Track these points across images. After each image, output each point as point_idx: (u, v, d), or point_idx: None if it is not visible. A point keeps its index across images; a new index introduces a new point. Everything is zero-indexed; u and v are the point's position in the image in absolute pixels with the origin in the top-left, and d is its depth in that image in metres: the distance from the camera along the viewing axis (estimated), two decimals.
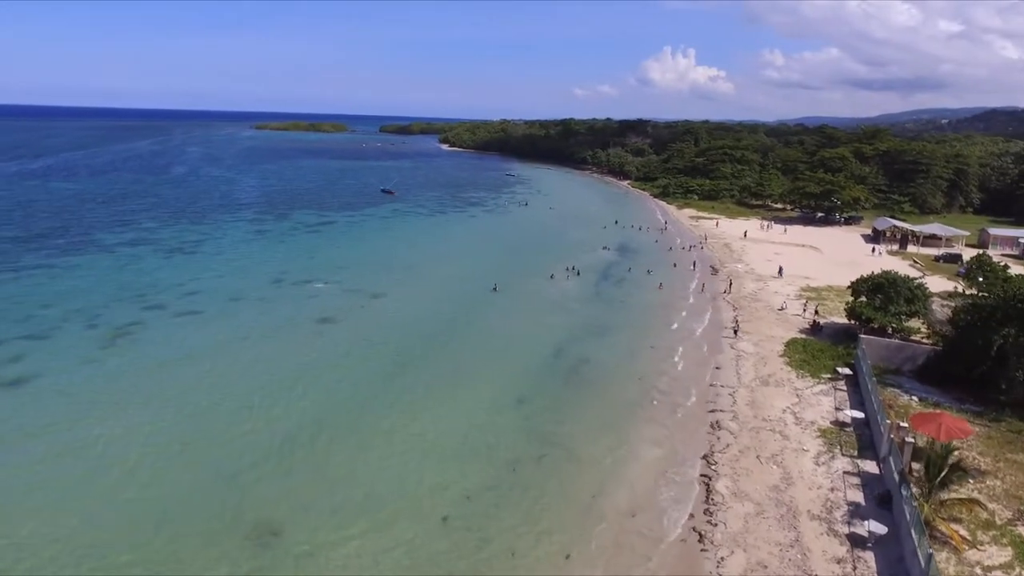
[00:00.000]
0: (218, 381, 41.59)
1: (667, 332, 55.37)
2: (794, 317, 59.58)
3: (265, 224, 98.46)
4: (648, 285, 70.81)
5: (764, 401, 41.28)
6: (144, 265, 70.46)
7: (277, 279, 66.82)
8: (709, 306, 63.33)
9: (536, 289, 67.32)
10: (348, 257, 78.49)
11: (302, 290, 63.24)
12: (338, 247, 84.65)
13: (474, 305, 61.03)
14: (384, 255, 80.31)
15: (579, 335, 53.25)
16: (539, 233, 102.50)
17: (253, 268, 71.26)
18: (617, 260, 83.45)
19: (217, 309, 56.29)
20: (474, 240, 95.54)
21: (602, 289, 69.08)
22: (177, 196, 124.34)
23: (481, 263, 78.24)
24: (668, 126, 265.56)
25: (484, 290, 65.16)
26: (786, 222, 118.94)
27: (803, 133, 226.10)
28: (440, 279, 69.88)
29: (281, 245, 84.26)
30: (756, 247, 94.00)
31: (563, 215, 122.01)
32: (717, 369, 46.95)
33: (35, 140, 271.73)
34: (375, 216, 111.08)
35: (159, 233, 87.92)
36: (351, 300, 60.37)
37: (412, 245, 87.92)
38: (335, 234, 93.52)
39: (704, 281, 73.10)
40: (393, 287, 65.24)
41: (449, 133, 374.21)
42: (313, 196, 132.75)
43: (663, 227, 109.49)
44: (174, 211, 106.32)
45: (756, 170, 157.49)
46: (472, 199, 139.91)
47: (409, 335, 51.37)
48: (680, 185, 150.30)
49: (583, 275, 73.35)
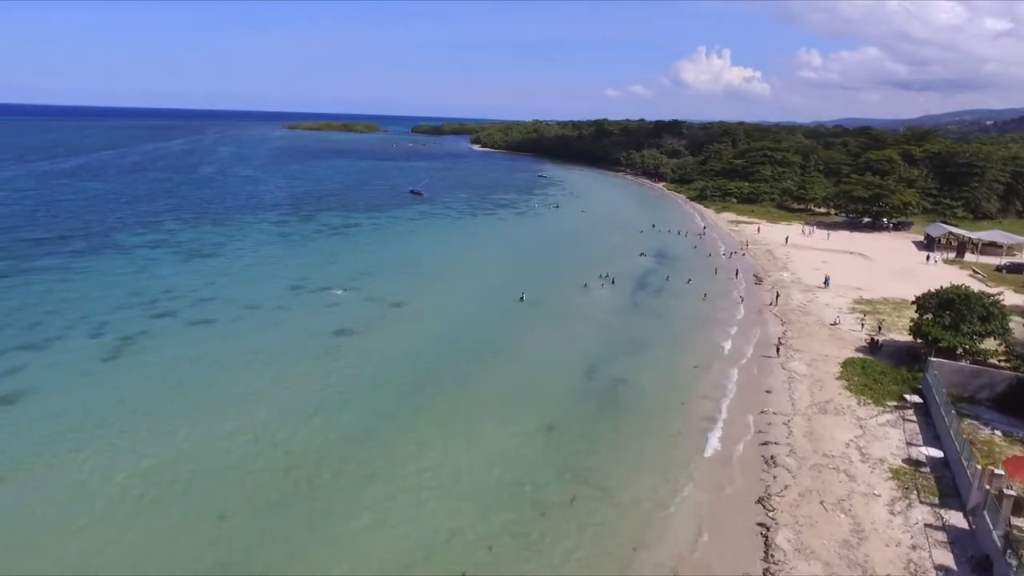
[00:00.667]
0: (223, 404, 38.27)
1: (710, 349, 50.97)
2: (849, 333, 54.72)
3: (288, 226, 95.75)
4: (688, 295, 66.35)
5: (823, 432, 36.79)
6: (161, 269, 67.85)
7: (296, 285, 63.68)
8: (755, 320, 58.74)
9: (568, 299, 63.24)
10: (371, 262, 75.21)
11: (321, 298, 59.98)
12: (361, 251, 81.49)
13: (502, 317, 57.21)
14: (408, 260, 76.88)
15: (615, 352, 49.12)
16: (572, 238, 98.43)
17: (272, 273, 68.28)
18: (654, 267, 79.04)
19: (231, 318, 53.22)
20: (503, 245, 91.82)
21: (639, 299, 64.78)
22: (203, 196, 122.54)
23: (510, 270, 74.45)
24: (703, 127, 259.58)
25: (513, 300, 61.33)
26: (830, 227, 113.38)
27: (844, 135, 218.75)
28: (466, 287, 66.20)
29: (303, 248, 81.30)
30: (801, 254, 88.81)
31: (596, 219, 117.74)
32: (768, 393, 42.52)
33: (70, 140, 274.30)
34: (401, 218, 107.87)
35: (180, 235, 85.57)
36: (371, 310, 56.93)
37: (437, 250, 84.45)
38: (359, 237, 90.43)
39: (748, 291, 68.45)
40: (415, 296, 61.68)
41: (481, 133, 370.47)
42: (339, 197, 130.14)
43: (701, 232, 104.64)
44: (198, 212, 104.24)
45: (797, 173, 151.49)
46: (502, 201, 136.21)
47: (430, 351, 47.70)
48: (718, 188, 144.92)
49: (618, 283, 69.12)
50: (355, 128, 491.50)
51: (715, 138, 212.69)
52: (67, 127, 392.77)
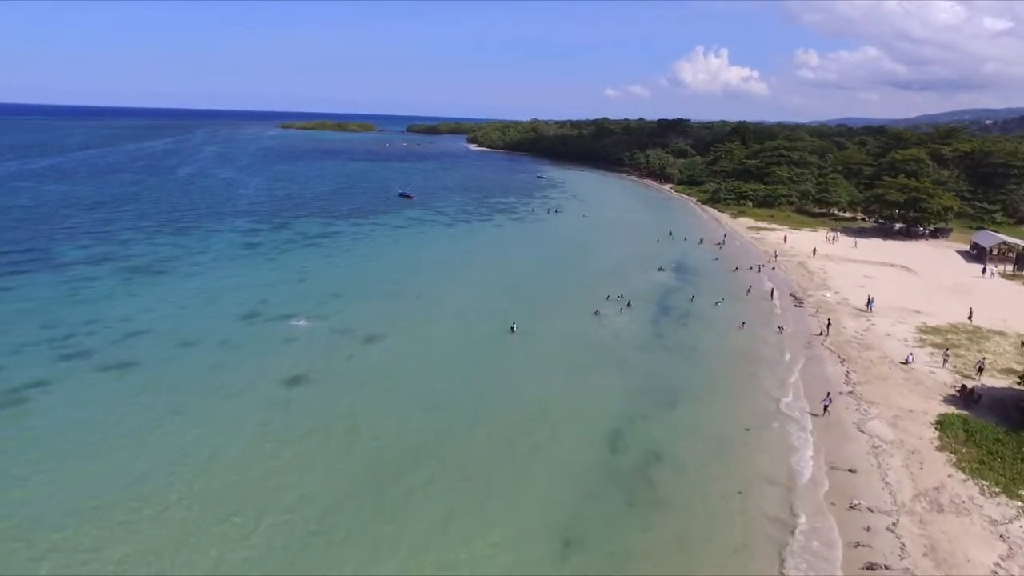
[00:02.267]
0: (95, 512, 27.60)
1: (761, 401, 40.39)
2: (928, 375, 44.13)
3: (259, 235, 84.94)
4: (720, 322, 55.73)
5: (951, 548, 26.17)
6: (92, 291, 57.03)
7: (251, 312, 52.92)
8: (807, 357, 48.11)
9: (578, 329, 52.50)
10: (345, 280, 64.38)
11: (278, 330, 49.22)
12: (336, 266, 70.63)
13: (497, 357, 46.49)
14: (388, 278, 66.03)
15: (642, 408, 38.47)
16: (577, 248, 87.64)
17: (226, 296, 57.53)
18: (676, 285, 68.38)
19: (158, 360, 42.49)
20: (499, 257, 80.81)
21: (663, 328, 54.04)
22: (172, 201, 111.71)
23: (507, 289, 63.79)
24: (705, 126, 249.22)
25: (514, 332, 50.61)
26: (857, 234, 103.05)
27: (851, 134, 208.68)
28: (454, 313, 55.40)
29: (269, 264, 70.49)
30: (838, 268, 78.22)
31: (603, 225, 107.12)
32: (851, 473, 31.91)
33: (53, 139, 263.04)
34: (387, 225, 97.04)
35: (132, 247, 74.79)
36: (337, 347, 46.18)
37: (423, 264, 73.51)
38: (336, 249, 79.46)
39: (789, 317, 57.91)
40: (392, 326, 50.91)
41: (478, 133, 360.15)
42: (322, 201, 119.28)
43: (721, 241, 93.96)
44: (161, 219, 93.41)
45: (815, 173, 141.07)
46: (499, 205, 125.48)
47: (401, 414, 36.91)
48: (732, 190, 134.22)
49: (636, 307, 58.42)
50: (349, 127, 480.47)
51: (721, 137, 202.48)
52: (56, 127, 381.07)
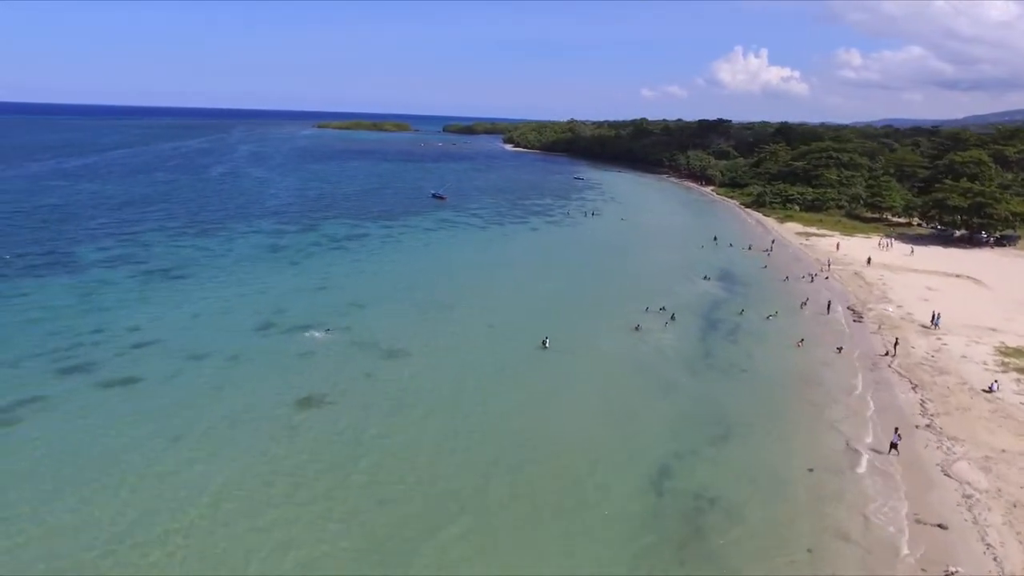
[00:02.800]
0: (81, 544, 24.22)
1: (825, 435, 35.73)
2: (1019, 407, 38.99)
3: (284, 237, 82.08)
4: (775, 339, 50.95)
5: None
6: (105, 298, 54.31)
7: (267, 323, 49.65)
8: (873, 381, 43.21)
9: (617, 346, 48.21)
10: (369, 288, 60.87)
11: (293, 343, 45.81)
12: (361, 272, 67.15)
13: (530, 376, 42.44)
14: (415, 285, 62.39)
15: (692, 442, 34.12)
16: (616, 254, 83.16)
17: (243, 304, 54.39)
18: (723, 296, 63.63)
19: (162, 377, 39.33)
20: (533, 263, 76.54)
21: (712, 346, 49.43)
22: (201, 200, 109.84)
23: (541, 299, 59.72)
24: (746, 127, 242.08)
25: (546, 348, 46.51)
26: (914, 240, 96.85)
27: (896, 135, 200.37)
28: (483, 326, 51.40)
29: (291, 268, 67.39)
30: (897, 278, 72.62)
31: (643, 229, 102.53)
32: (942, 531, 27.24)
33: (89, 139, 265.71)
34: (418, 228, 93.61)
35: (153, 249, 72.37)
36: (355, 364, 42.55)
37: (453, 270, 69.85)
38: (363, 253, 76.10)
39: (850, 334, 52.87)
40: (415, 339, 47.19)
41: (514, 133, 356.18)
42: (353, 201, 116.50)
43: (769, 248, 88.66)
44: (187, 220, 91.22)
45: (865, 176, 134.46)
46: (534, 207, 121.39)
47: (420, 443, 33.13)
48: (778, 193, 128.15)
49: (681, 320, 53.92)
50: (384, 127, 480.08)
51: (764, 138, 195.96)
52: (93, 126, 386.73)
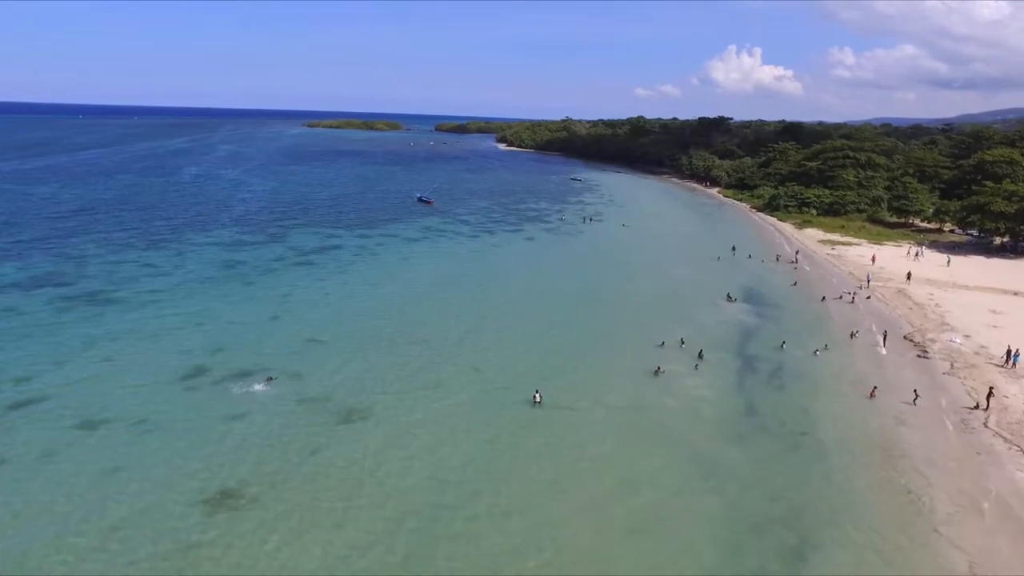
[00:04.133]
0: None
1: (935, 543, 25.93)
2: None
3: (243, 250, 71.81)
4: (829, 382, 41.18)
5: None
6: (6, 334, 44.16)
7: (197, 368, 39.53)
8: (969, 448, 33.42)
9: (633, 397, 38.27)
10: (331, 318, 50.56)
11: (224, 399, 35.74)
12: (325, 296, 56.75)
13: (520, 453, 32.40)
14: (388, 314, 52.09)
15: (754, 559, 24.24)
16: (622, 269, 73.18)
17: (173, 340, 44.26)
18: (754, 322, 53.80)
19: (36, 455, 29.33)
20: (527, 282, 66.04)
21: (756, 396, 39.45)
22: (161, 206, 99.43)
23: (536, 331, 49.75)
24: (744, 125, 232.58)
25: (539, 405, 36.58)
26: (950, 249, 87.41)
27: (896, 134, 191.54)
28: (465, 370, 41.29)
29: (244, 290, 57.16)
30: (950, 297, 63.00)
31: (649, 237, 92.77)
32: None
33: (64, 137, 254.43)
34: (398, 238, 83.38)
35: (87, 265, 62.20)
36: (299, 434, 32.47)
37: (434, 293, 59.23)
38: (331, 270, 65.67)
39: (918, 375, 43.11)
40: (382, 395, 37.15)
41: (507, 132, 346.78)
42: (329, 207, 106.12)
43: (794, 260, 78.93)
44: (138, 229, 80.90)
45: (884, 177, 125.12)
46: (529, 212, 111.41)
47: None
48: (793, 196, 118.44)
49: (710, 358, 44.10)
50: (376, 126, 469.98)
51: (767, 137, 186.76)
52: (77, 125, 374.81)
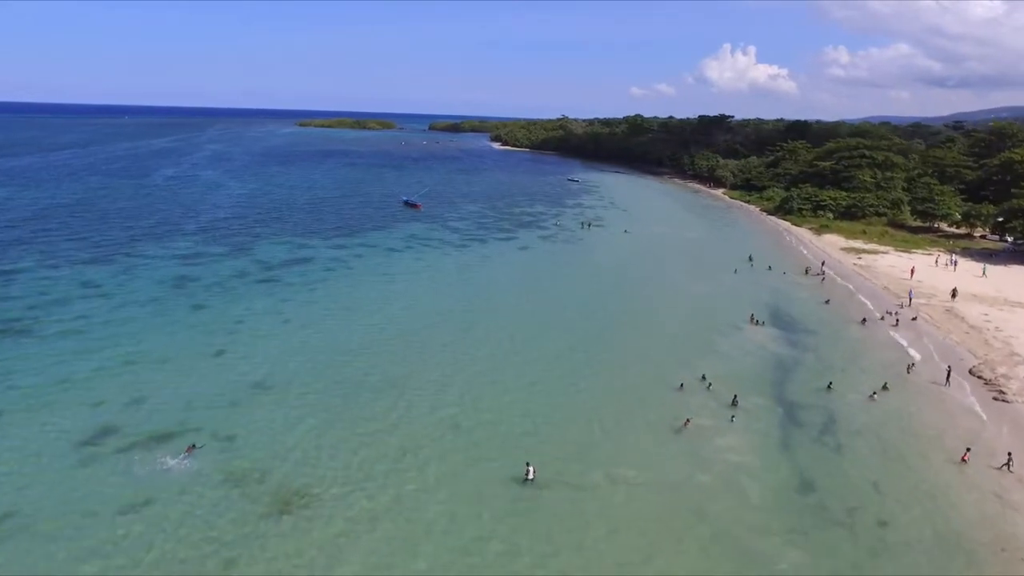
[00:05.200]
0: None
1: None
2: None
3: (201, 264, 63.31)
4: (897, 439, 33.07)
5: None
6: None
7: (103, 430, 31.15)
8: None
9: (654, 469, 30.04)
10: (286, 355, 41.94)
11: (125, 481, 27.37)
12: (284, 324, 47.99)
13: (518, 559, 24.15)
14: (352, 349, 43.42)
15: None
16: (627, 284, 64.95)
17: (85, 387, 35.81)
18: (788, 353, 45.60)
19: None
20: (520, 303, 57.25)
21: (808, 461, 31.10)
22: (124, 211, 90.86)
23: (530, 369, 41.48)
24: (742, 124, 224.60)
25: (530, 482, 28.36)
26: (985, 257, 79.61)
27: (896, 133, 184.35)
28: (443, 431, 32.89)
29: (189, 317, 48.60)
30: (1009, 319, 54.93)
31: (655, 245, 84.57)
32: None
33: (44, 137, 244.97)
34: (379, 248, 74.91)
35: (12, 284, 53.73)
36: (218, 532, 24.17)
37: (412, 321, 50.26)
38: (297, 291, 56.85)
39: (1001, 425, 35.02)
40: (335, 467, 28.84)
41: (502, 131, 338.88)
42: (308, 212, 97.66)
43: (820, 272, 70.83)
44: (90, 239, 72.37)
45: (902, 178, 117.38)
46: (524, 216, 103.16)
47: None
48: (807, 198, 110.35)
49: (743, 402, 35.90)
50: (368, 125, 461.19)
51: (770, 136, 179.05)
52: (62, 124, 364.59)
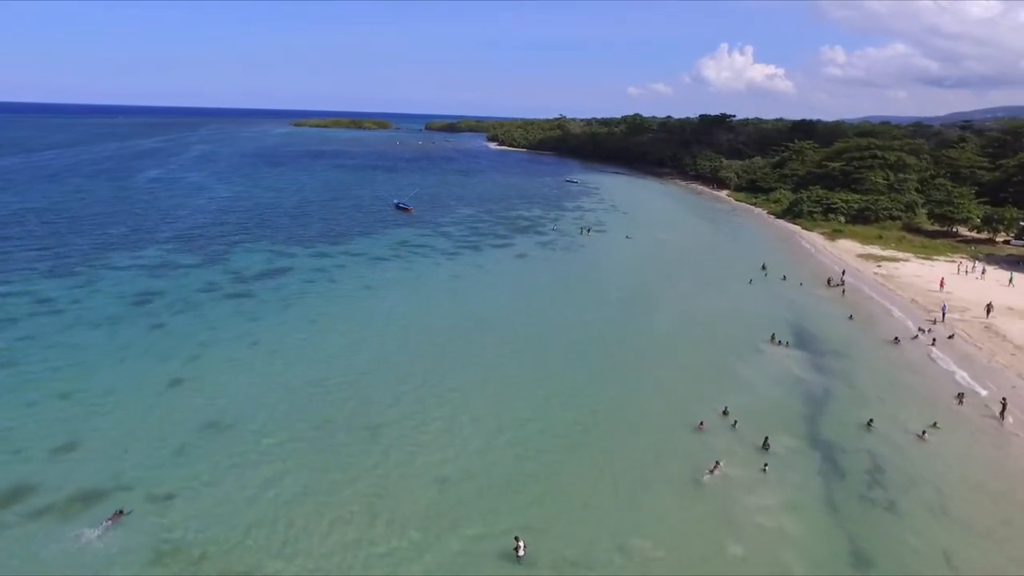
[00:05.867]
0: None
1: None
2: None
3: (168, 276, 58.08)
4: (962, 492, 28.04)
5: None
6: None
7: (14, 490, 26.07)
8: None
9: (678, 537, 25.00)
10: (249, 388, 36.56)
11: (25, 559, 22.31)
12: (251, 348, 42.72)
13: None
14: (325, 382, 38.13)
15: None
16: (631, 297, 59.68)
17: (7, 429, 30.73)
18: (817, 381, 40.53)
19: None
20: (514, 324, 51.68)
21: (857, 524, 25.97)
22: (97, 216, 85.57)
23: (523, 410, 36.40)
24: (743, 124, 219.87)
25: (521, 561, 23.32)
26: (1012, 265, 74.93)
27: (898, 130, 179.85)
28: (421, 493, 27.69)
29: (146, 339, 43.32)
30: None
31: (660, 252, 79.50)
32: None
33: (31, 138, 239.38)
34: (365, 257, 69.75)
35: None
36: None
37: (393, 347, 45.04)
38: (270, 308, 51.30)
39: None
40: (289, 541, 23.73)
41: (499, 131, 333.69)
42: (293, 217, 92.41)
43: (840, 282, 65.77)
44: (51, 248, 67.08)
45: (915, 179, 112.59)
46: (520, 220, 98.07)
47: None
48: (817, 201, 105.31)
49: (774, 443, 30.88)
50: (364, 125, 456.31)
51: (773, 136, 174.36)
52: (54, 124, 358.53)
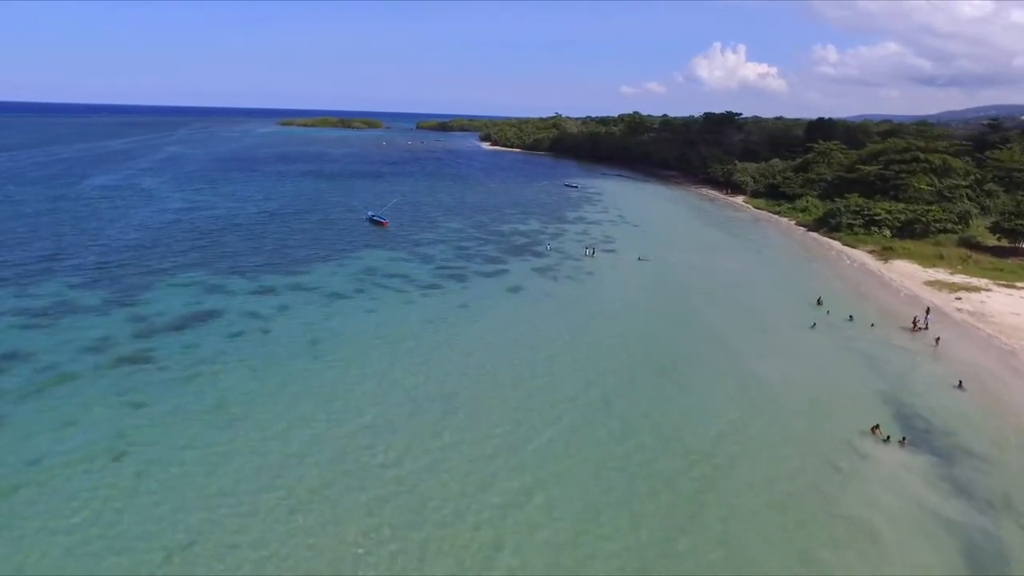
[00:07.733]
0: None
1: None
2: None
3: (50, 326, 43.39)
4: None
5: None
6: None
7: None
8: None
9: None
10: (123, 517, 22.87)
11: None
12: (118, 460, 28.49)
13: None
14: (235, 490, 24.42)
15: None
16: (661, 357, 45.54)
17: None
18: (967, 522, 26.55)
19: None
20: (506, 403, 36.95)
21: None
22: (6, 234, 71.07)
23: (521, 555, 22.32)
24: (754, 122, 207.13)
25: None
26: None
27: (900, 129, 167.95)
28: None
29: None
30: None
31: (681, 280, 65.49)
32: None
33: None
34: (319, 292, 55.16)
35: None
36: None
37: (342, 434, 30.97)
38: (169, 382, 36.46)
39: None
40: None
41: (492, 130, 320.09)
42: (245, 233, 77.68)
43: (923, 324, 51.76)
44: None
45: (966, 185, 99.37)
46: (515, 237, 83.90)
47: None
48: (857, 212, 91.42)
49: None
50: (353, 124, 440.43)
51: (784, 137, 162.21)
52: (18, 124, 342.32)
